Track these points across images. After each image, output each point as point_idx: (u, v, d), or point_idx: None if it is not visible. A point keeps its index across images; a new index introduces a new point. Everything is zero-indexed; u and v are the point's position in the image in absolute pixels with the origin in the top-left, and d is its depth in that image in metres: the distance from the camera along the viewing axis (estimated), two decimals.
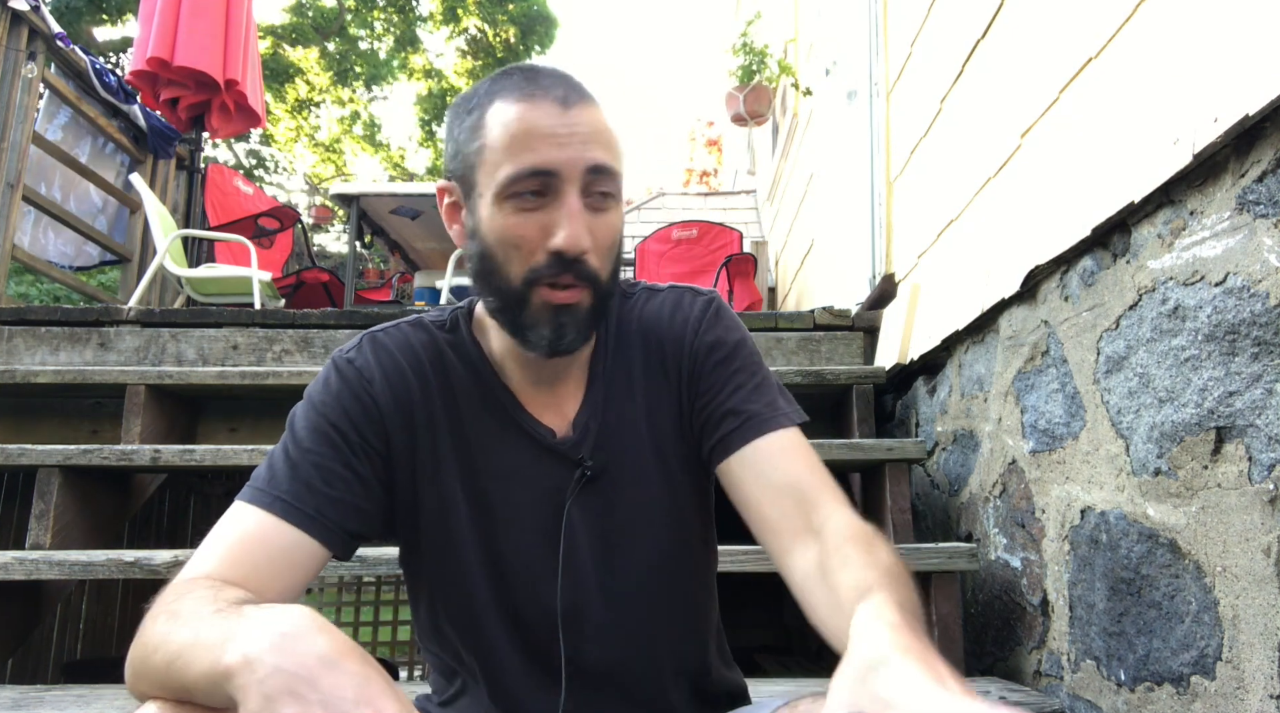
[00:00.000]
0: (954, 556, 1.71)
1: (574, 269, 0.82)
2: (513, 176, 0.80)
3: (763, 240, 6.72)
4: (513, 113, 0.81)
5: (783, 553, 0.84)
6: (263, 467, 0.86)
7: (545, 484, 0.91)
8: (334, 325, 2.86)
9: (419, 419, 0.91)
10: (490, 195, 0.82)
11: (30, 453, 2.05)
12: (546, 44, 14.91)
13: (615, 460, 0.93)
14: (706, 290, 1.02)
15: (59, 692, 1.52)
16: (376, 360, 0.91)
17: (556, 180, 0.81)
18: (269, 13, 15.31)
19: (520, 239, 0.82)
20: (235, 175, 5.68)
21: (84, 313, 2.91)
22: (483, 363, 0.93)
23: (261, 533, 0.81)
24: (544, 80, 0.83)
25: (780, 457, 0.88)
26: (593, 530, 0.92)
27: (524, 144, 0.80)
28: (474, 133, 0.84)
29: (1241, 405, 1.08)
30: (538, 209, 0.81)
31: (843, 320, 2.85)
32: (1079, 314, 1.52)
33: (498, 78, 0.86)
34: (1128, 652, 1.33)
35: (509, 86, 0.84)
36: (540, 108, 0.81)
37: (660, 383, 0.95)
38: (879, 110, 3.11)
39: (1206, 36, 1.19)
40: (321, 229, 11.22)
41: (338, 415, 0.87)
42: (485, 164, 0.83)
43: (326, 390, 0.89)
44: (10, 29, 3.66)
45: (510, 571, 0.91)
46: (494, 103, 0.83)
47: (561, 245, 0.80)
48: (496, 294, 0.85)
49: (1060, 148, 1.66)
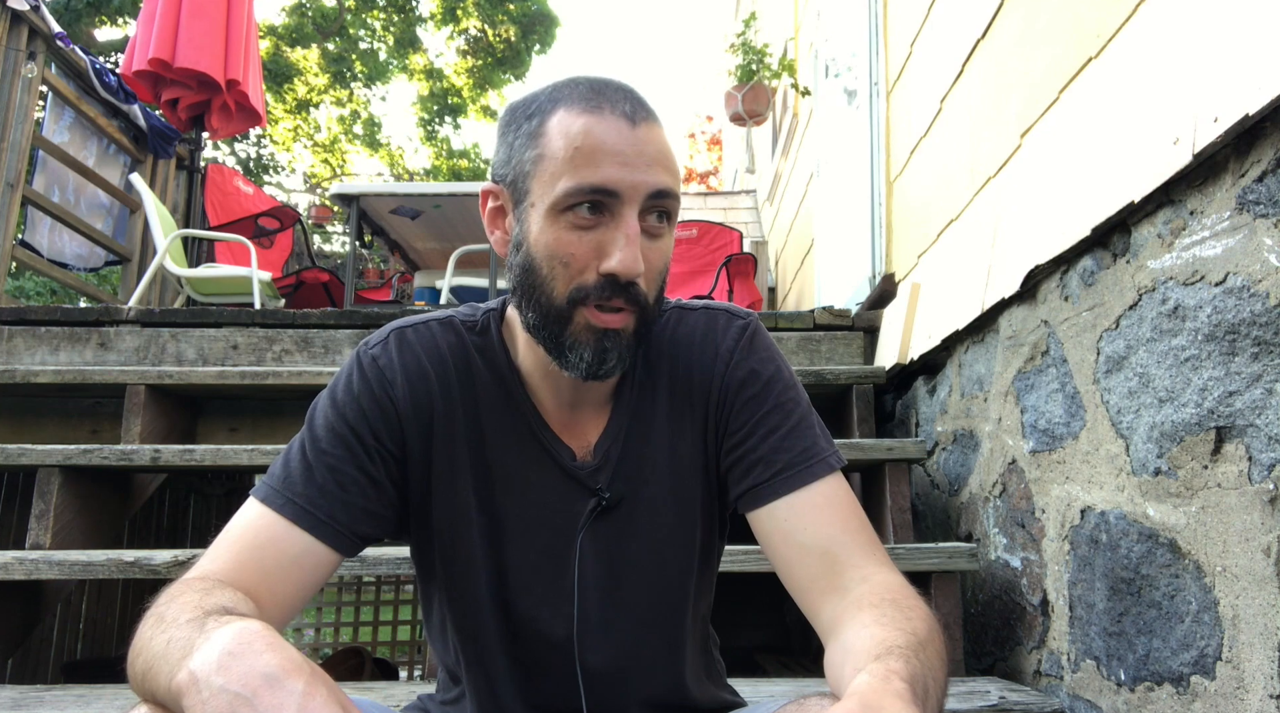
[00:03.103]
0: (954, 555, 1.71)
1: (625, 293, 0.79)
2: (572, 191, 0.77)
3: (763, 240, 6.72)
4: (577, 124, 0.78)
5: (814, 612, 0.82)
6: (279, 463, 0.85)
7: (559, 507, 0.89)
8: (334, 325, 2.86)
9: (438, 426, 0.88)
10: (544, 207, 0.79)
11: (30, 453, 2.05)
12: (547, 43, 14.91)
13: (632, 492, 0.90)
14: (742, 313, 0.96)
15: (59, 692, 1.52)
16: (400, 361, 0.88)
17: (616, 201, 0.77)
18: (269, 13, 15.28)
19: (571, 257, 0.78)
20: (235, 175, 5.68)
21: (84, 313, 2.91)
22: (509, 372, 0.90)
23: (273, 536, 0.80)
24: (611, 93, 0.80)
25: (812, 515, 0.84)
26: (600, 560, 0.90)
27: (588, 159, 0.77)
28: (532, 140, 0.80)
29: (1241, 405, 1.08)
30: (593, 227, 0.78)
31: (843, 320, 2.85)
32: (1079, 314, 1.52)
33: (562, 85, 0.83)
34: (1128, 652, 1.33)
35: (574, 95, 0.80)
36: (607, 122, 0.78)
37: (685, 414, 0.92)
38: (879, 110, 3.11)
39: (1206, 36, 1.19)
40: (321, 229, 11.22)
41: (357, 418, 0.86)
42: (542, 174, 0.79)
43: (349, 390, 0.87)
44: (10, 29, 3.66)
45: (515, 588, 0.90)
46: (557, 111, 0.80)
47: (616, 268, 0.77)
48: (537, 310, 0.81)
49: (1060, 147, 1.66)
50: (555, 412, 0.90)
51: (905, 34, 2.80)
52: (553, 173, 0.78)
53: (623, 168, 0.77)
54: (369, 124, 15.49)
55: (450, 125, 15.78)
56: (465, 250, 4.23)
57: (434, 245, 4.95)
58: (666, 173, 0.80)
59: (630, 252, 0.77)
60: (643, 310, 0.81)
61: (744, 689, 1.10)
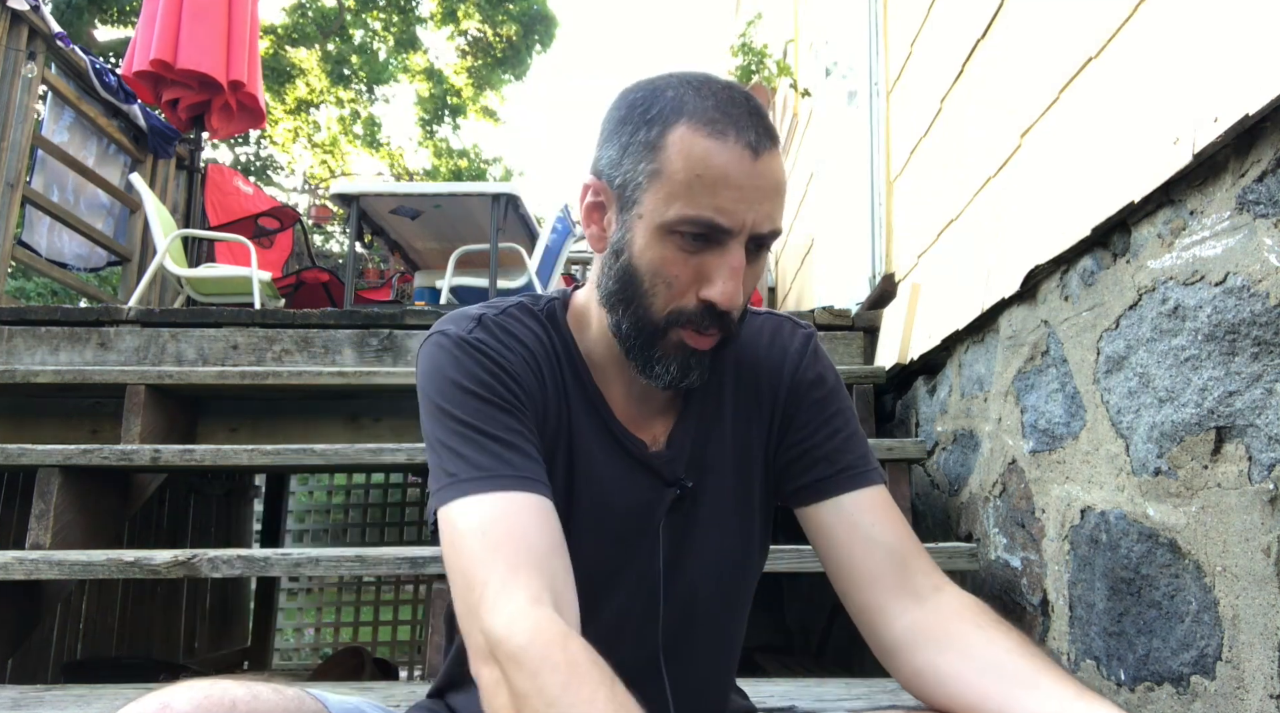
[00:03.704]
0: (954, 555, 1.71)
1: (721, 321, 0.80)
2: (685, 219, 0.77)
3: None
4: (700, 149, 0.76)
5: (877, 609, 0.84)
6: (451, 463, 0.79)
7: (633, 496, 0.90)
8: (334, 325, 2.86)
9: (548, 406, 0.88)
10: (654, 223, 0.78)
11: (30, 453, 2.05)
12: (546, 43, 14.91)
13: (700, 482, 0.91)
14: (804, 323, 1.00)
15: (59, 692, 1.52)
16: (504, 341, 0.86)
17: (727, 234, 0.78)
18: (269, 13, 15.28)
19: (674, 278, 0.79)
20: (235, 175, 5.68)
21: (84, 313, 2.92)
22: (581, 364, 0.91)
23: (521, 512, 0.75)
24: (735, 113, 0.78)
25: (876, 513, 0.87)
26: (672, 550, 0.91)
27: (706, 189, 0.76)
28: (650, 151, 0.79)
29: (1241, 405, 1.08)
30: (698, 252, 0.78)
31: (843, 320, 2.85)
32: (1079, 314, 1.52)
33: (686, 90, 0.79)
34: (1128, 652, 1.33)
35: (699, 111, 0.78)
36: (731, 152, 0.76)
37: (751, 410, 0.94)
38: (879, 110, 3.11)
39: (1206, 36, 1.19)
40: (321, 229, 11.22)
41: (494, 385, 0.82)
42: (657, 190, 0.78)
43: (476, 363, 0.83)
44: (10, 29, 3.66)
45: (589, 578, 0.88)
46: (679, 125, 0.78)
47: (717, 300, 0.78)
48: (632, 320, 0.82)
49: (1060, 147, 1.66)
50: (623, 405, 0.91)
51: (905, 34, 2.80)
52: (669, 193, 0.77)
53: (739, 203, 0.77)
54: (369, 124, 15.49)
55: (450, 126, 15.78)
56: (465, 250, 4.23)
57: (434, 245, 4.95)
58: (778, 208, 0.80)
59: (733, 285, 0.78)
60: (732, 336, 0.83)
61: (748, 689, 1.10)
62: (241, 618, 5.31)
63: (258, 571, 1.76)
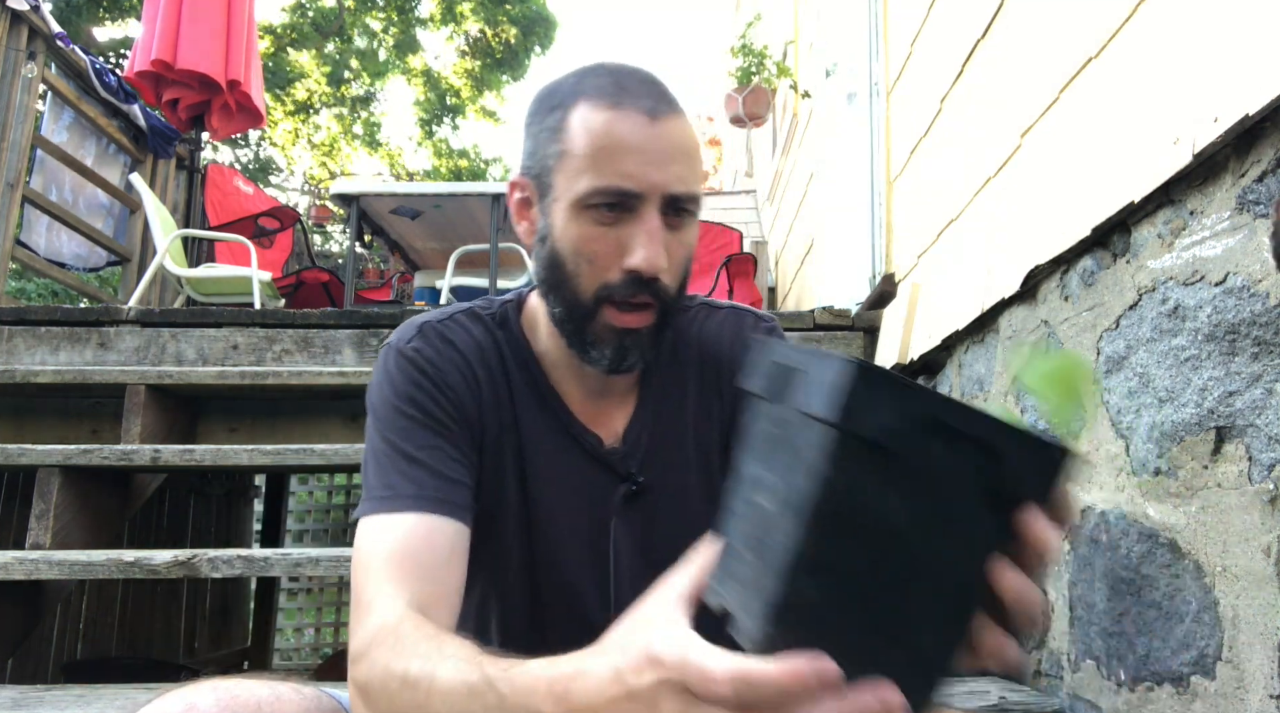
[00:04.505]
0: None
1: (649, 289, 0.80)
2: (593, 190, 0.78)
3: (763, 240, 6.71)
4: (598, 121, 0.78)
5: None
6: (373, 479, 0.81)
7: (589, 494, 0.89)
8: (334, 325, 2.86)
9: (486, 414, 0.88)
10: (567, 203, 0.80)
11: (30, 453, 2.05)
12: (546, 44, 14.91)
13: (660, 477, 0.91)
14: (767, 316, 0.99)
15: (59, 692, 1.51)
16: (442, 350, 0.87)
17: (637, 199, 0.78)
18: (269, 13, 15.29)
19: (595, 254, 0.80)
20: (235, 175, 5.68)
21: (84, 313, 2.92)
22: (534, 364, 0.91)
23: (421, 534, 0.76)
24: (632, 85, 0.80)
25: None
26: (633, 547, 0.90)
27: (608, 157, 0.78)
28: (555, 134, 0.81)
29: (1241, 405, 1.08)
30: (615, 224, 0.79)
31: (843, 320, 2.85)
32: (1079, 314, 1.52)
33: (584, 75, 0.83)
34: (1128, 652, 1.33)
35: (595, 88, 0.80)
36: (628, 119, 0.78)
37: (714, 403, 0.94)
38: (879, 110, 3.11)
39: (1206, 36, 1.19)
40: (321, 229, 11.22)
41: (429, 404, 0.84)
42: (565, 170, 0.80)
43: (409, 382, 0.85)
44: (10, 29, 3.66)
45: (549, 580, 0.89)
46: (578, 105, 0.80)
47: (639, 266, 0.78)
48: (564, 304, 0.83)
49: (1060, 147, 1.66)
50: (580, 401, 0.91)
51: (905, 34, 2.80)
52: (575, 169, 0.79)
53: (643, 166, 0.78)
54: (368, 124, 15.49)
55: (449, 126, 15.79)
56: (465, 250, 4.23)
57: (434, 245, 4.95)
58: (686, 168, 0.80)
59: (653, 248, 0.78)
60: (665, 305, 0.82)
61: None
62: (241, 618, 5.31)
63: (258, 571, 1.76)
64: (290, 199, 13.07)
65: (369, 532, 0.78)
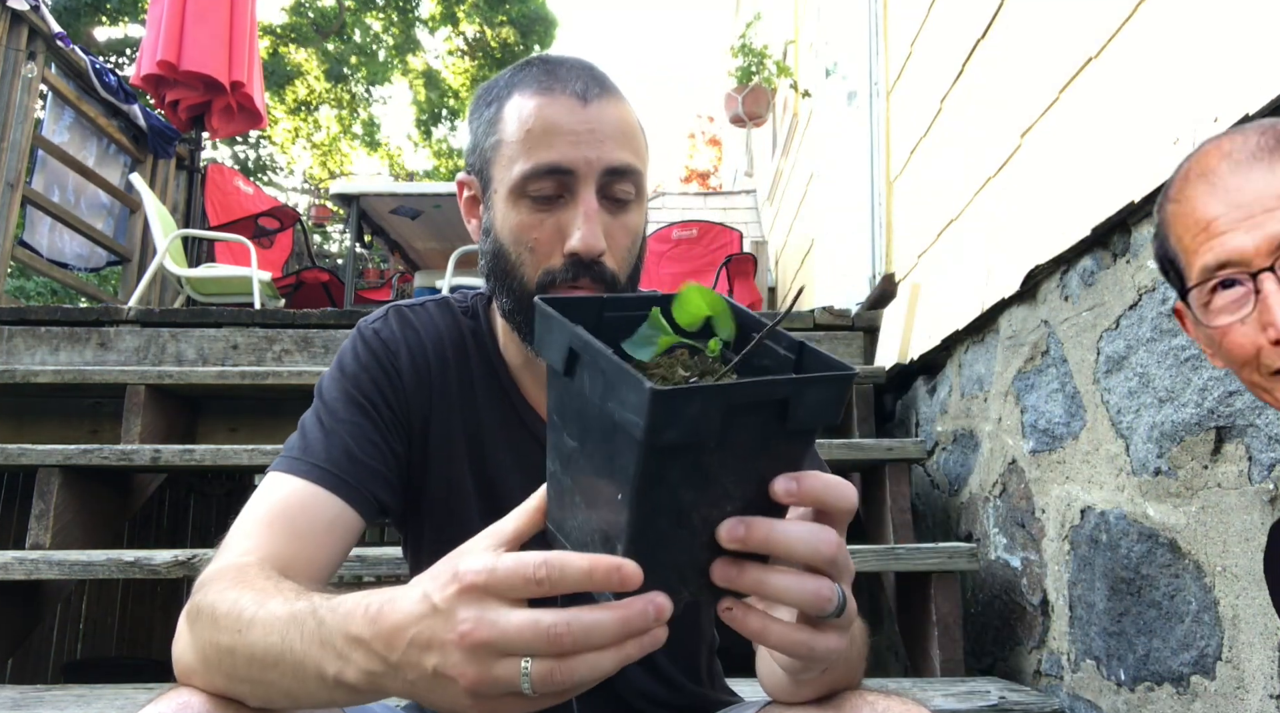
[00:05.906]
0: (954, 555, 1.71)
1: (591, 272, 0.80)
2: (527, 174, 0.78)
3: (763, 240, 6.71)
4: (529, 107, 0.79)
5: None
6: (295, 437, 0.83)
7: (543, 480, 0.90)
8: (334, 325, 2.86)
9: (436, 400, 0.89)
10: (505, 192, 0.80)
11: (30, 453, 2.05)
12: (546, 44, 14.91)
13: None
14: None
15: (59, 692, 1.51)
16: (402, 335, 0.89)
17: (572, 179, 0.78)
18: (269, 13, 15.29)
19: (535, 241, 0.80)
20: (235, 175, 5.68)
21: (84, 313, 2.91)
22: (497, 358, 0.92)
23: (302, 503, 0.78)
24: (563, 72, 0.81)
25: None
26: None
27: (539, 141, 0.78)
28: (491, 126, 0.82)
29: (1241, 405, 1.08)
30: (553, 209, 0.79)
31: (843, 320, 2.85)
32: (1079, 314, 1.52)
33: (518, 68, 0.84)
34: (1128, 652, 1.33)
35: (528, 78, 0.81)
36: (558, 102, 0.79)
37: None
38: (879, 110, 3.11)
39: (1205, 37, 1.19)
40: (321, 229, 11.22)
41: (367, 385, 0.85)
42: (501, 159, 0.81)
43: (356, 360, 0.87)
44: (10, 29, 3.66)
45: None
46: (512, 96, 0.81)
47: (577, 247, 0.78)
48: (509, 295, 0.83)
49: (1060, 147, 1.66)
50: (537, 392, 0.91)
51: (905, 34, 2.80)
52: (509, 157, 0.80)
53: (575, 146, 0.78)
54: (368, 124, 15.49)
55: (448, 126, 15.78)
56: (465, 250, 4.23)
57: (434, 245, 4.95)
58: (622, 147, 0.80)
59: (589, 229, 0.78)
60: (612, 287, 0.81)
61: (745, 691, 1.10)
62: None
63: None
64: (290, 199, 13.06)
65: (264, 485, 0.79)
